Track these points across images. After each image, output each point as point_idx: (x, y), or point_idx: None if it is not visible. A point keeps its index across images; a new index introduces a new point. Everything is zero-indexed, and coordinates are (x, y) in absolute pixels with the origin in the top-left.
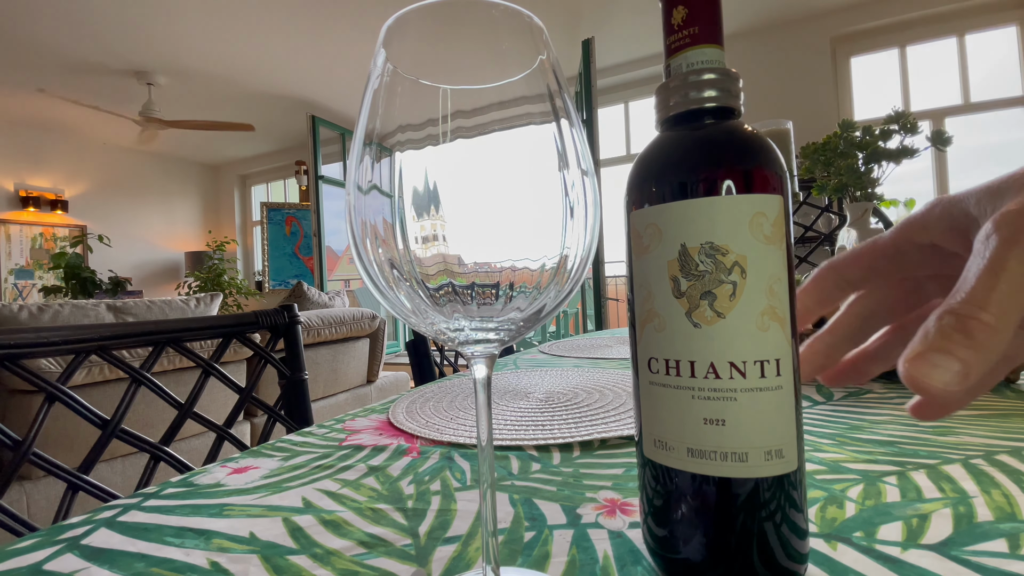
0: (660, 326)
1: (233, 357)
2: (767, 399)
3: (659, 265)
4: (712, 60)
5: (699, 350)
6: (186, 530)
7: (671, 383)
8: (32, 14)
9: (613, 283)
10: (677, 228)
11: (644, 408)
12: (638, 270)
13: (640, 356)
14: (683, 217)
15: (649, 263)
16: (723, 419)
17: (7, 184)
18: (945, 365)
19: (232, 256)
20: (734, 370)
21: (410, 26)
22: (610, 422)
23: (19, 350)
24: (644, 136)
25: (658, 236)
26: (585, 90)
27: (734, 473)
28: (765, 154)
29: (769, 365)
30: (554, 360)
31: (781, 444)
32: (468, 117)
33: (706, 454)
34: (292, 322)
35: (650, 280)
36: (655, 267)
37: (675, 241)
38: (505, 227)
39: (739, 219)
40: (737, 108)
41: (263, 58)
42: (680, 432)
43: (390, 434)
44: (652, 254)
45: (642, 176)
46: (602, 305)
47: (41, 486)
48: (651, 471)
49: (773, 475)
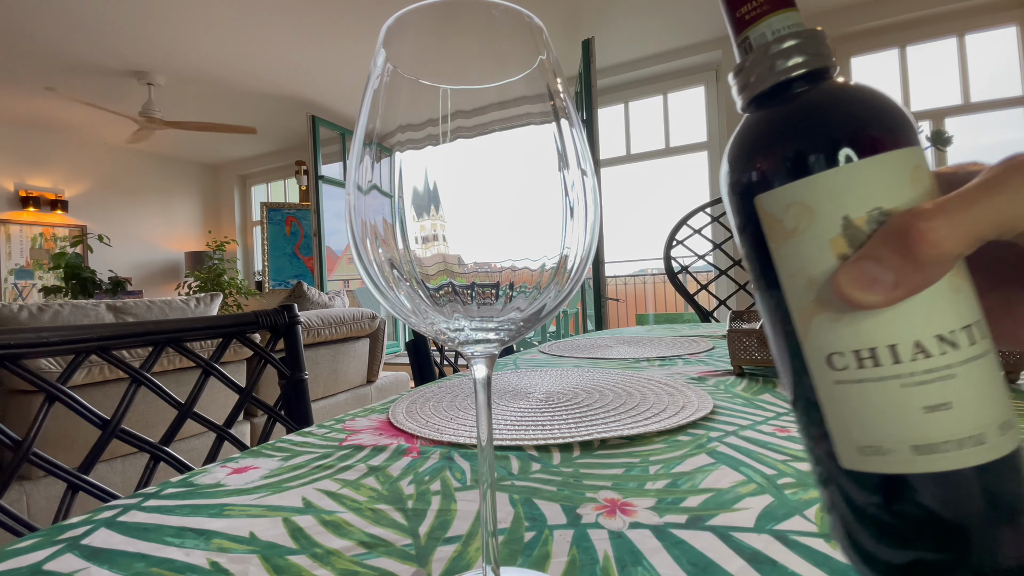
0: (836, 315)
1: (233, 357)
2: (983, 368)
3: (818, 246)
4: (797, 23)
5: (897, 330)
6: (186, 530)
7: (869, 376)
8: (32, 14)
9: (613, 283)
10: (834, 201)
11: (833, 414)
12: (785, 258)
13: (812, 355)
14: (840, 187)
15: (802, 247)
16: (948, 402)
17: (7, 184)
18: (877, 275)
19: (232, 256)
20: (944, 344)
21: (410, 26)
22: (610, 422)
23: (19, 350)
24: (644, 136)
25: (808, 215)
26: (585, 90)
27: (974, 460)
28: (896, 106)
29: (974, 329)
30: (554, 360)
31: (1007, 413)
32: (468, 117)
33: (937, 447)
34: (292, 322)
35: (808, 266)
36: (812, 250)
37: (834, 216)
38: (505, 227)
39: (901, 176)
40: (833, 66)
41: (263, 58)
42: (898, 429)
43: (390, 434)
44: (804, 236)
45: (762, 155)
46: (602, 305)
47: (41, 486)
48: (855, 483)
49: (1011, 450)
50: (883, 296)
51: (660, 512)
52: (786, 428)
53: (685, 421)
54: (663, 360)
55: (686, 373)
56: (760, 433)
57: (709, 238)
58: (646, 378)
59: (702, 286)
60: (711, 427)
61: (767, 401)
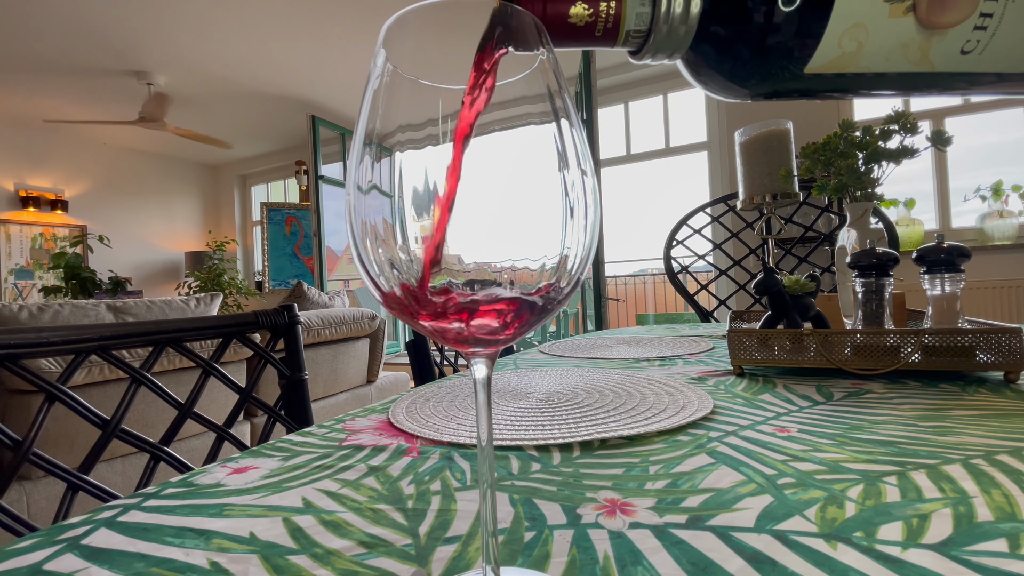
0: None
1: (233, 357)
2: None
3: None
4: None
5: None
6: (186, 530)
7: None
8: (32, 14)
9: (613, 283)
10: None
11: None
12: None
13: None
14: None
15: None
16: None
17: (7, 184)
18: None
19: (232, 256)
20: None
21: (410, 26)
22: (610, 422)
23: (19, 350)
24: (644, 136)
25: None
26: (585, 90)
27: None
28: None
29: None
30: (554, 360)
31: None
32: None
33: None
34: (292, 322)
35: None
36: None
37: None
38: (505, 227)
39: None
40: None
41: (263, 58)
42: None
43: (390, 434)
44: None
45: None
46: (602, 305)
47: (41, 486)
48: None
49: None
50: None
51: (660, 512)
52: (786, 428)
53: (685, 421)
54: (663, 360)
55: (686, 373)
56: (760, 433)
57: (709, 238)
58: (646, 378)
59: (702, 286)
60: (711, 427)
61: (767, 401)
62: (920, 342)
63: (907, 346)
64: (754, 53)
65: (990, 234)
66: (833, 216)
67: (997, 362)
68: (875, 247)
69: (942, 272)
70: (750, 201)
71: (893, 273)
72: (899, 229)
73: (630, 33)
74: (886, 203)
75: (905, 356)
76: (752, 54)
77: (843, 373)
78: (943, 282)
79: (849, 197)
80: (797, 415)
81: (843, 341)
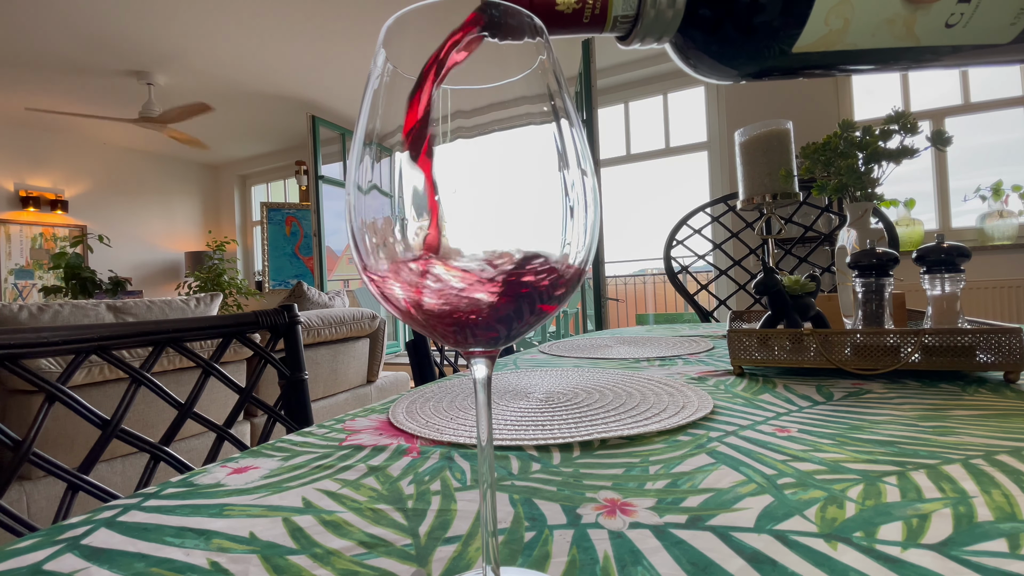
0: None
1: (233, 357)
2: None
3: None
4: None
5: None
6: (186, 530)
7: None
8: (32, 14)
9: (613, 283)
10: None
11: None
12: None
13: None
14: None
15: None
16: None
17: (7, 184)
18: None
19: (232, 256)
20: None
21: (410, 26)
22: (610, 422)
23: (19, 350)
24: (644, 136)
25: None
26: (585, 90)
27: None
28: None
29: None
30: (554, 360)
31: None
32: (468, 117)
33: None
34: (292, 322)
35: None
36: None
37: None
38: (505, 227)
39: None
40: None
41: (263, 58)
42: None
43: (390, 434)
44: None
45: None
46: (602, 305)
47: (41, 486)
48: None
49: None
50: None
51: (660, 512)
52: (786, 428)
53: (685, 421)
54: (663, 360)
55: (686, 373)
56: (760, 433)
57: (709, 238)
58: (646, 378)
59: (702, 286)
60: (711, 427)
61: (767, 401)
62: (920, 342)
63: (907, 346)
64: (742, 34)
65: (990, 234)
66: (833, 216)
67: (997, 362)
68: (875, 247)
69: (942, 272)
70: (750, 201)
71: (893, 273)
72: (899, 229)
73: (618, 18)
74: (886, 203)
75: (905, 356)
76: (740, 35)
77: (843, 373)
78: (943, 282)
79: (849, 197)
80: (797, 415)
81: (843, 341)
